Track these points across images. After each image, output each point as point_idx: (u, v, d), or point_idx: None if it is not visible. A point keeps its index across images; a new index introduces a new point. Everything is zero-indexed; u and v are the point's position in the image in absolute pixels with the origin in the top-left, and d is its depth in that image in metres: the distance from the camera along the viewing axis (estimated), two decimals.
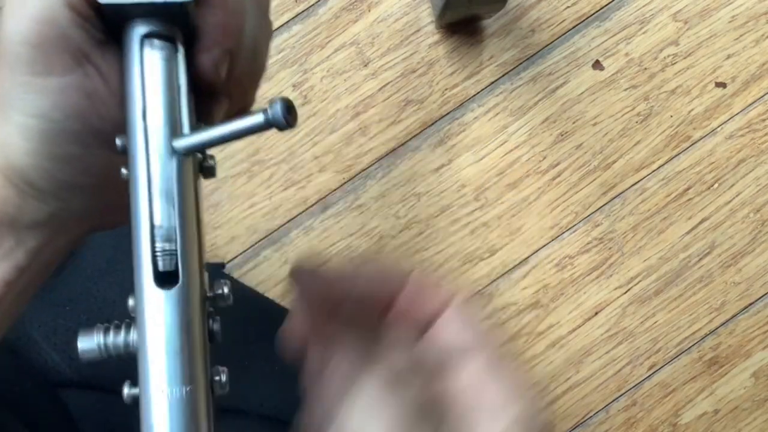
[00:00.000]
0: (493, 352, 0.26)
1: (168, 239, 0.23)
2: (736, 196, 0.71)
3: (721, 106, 0.71)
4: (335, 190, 0.68)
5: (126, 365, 0.24)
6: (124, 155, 0.24)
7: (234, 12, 0.26)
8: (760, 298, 0.71)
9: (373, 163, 0.69)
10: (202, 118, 0.27)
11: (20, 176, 0.25)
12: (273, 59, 0.68)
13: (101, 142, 0.25)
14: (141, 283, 0.23)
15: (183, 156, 0.24)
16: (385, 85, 0.69)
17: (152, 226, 0.23)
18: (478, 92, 0.69)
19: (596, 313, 0.70)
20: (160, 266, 0.23)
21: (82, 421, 0.46)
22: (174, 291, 0.22)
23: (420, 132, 0.69)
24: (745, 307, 0.70)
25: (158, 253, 0.23)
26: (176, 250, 0.23)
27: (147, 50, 0.24)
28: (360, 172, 0.68)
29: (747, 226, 0.70)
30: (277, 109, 0.22)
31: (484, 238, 0.69)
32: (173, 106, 0.24)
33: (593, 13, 0.70)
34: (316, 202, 0.68)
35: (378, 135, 0.69)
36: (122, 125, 0.24)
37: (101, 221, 0.29)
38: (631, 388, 0.70)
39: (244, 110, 0.31)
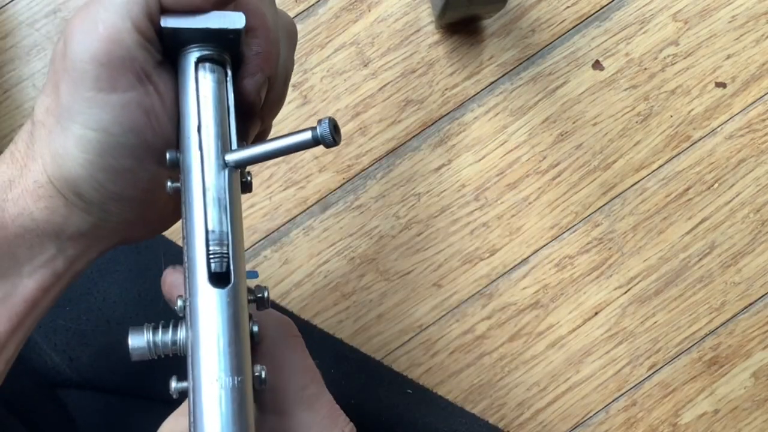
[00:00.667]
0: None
1: (220, 243, 0.25)
2: (736, 196, 0.71)
3: (721, 106, 0.71)
4: (335, 190, 0.68)
5: (126, 366, 0.25)
6: (172, 169, 0.27)
7: (274, 42, 0.28)
8: (760, 298, 0.71)
9: (373, 163, 0.69)
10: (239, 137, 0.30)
11: (71, 187, 0.26)
12: None
13: (153, 156, 0.27)
14: (195, 283, 0.24)
15: (233, 168, 0.26)
16: (385, 85, 0.69)
17: (207, 231, 0.25)
18: (478, 92, 0.69)
19: (596, 313, 0.70)
20: (214, 268, 0.24)
21: (82, 421, 0.46)
22: (227, 290, 0.24)
23: (420, 132, 0.69)
24: (745, 307, 0.70)
25: (212, 256, 0.25)
26: (228, 253, 0.25)
27: (201, 72, 0.26)
28: (360, 172, 0.68)
29: (747, 226, 0.71)
30: (325, 127, 0.25)
31: (484, 238, 0.69)
32: (224, 124, 0.26)
33: (593, 13, 0.70)
34: (316, 202, 0.68)
35: (378, 135, 0.69)
36: (172, 141, 0.27)
37: (131, 234, 0.30)
38: (631, 388, 0.70)
39: (262, 135, 0.35)
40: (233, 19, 0.26)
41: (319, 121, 0.25)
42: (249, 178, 0.29)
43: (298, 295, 0.68)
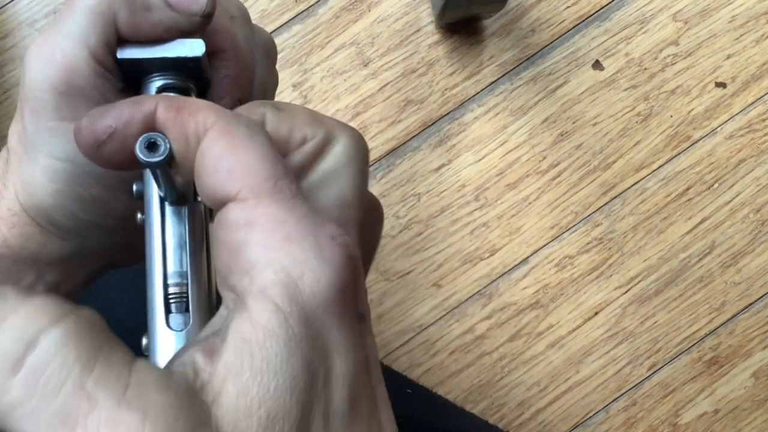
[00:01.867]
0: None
1: (180, 284, 0.24)
2: (736, 196, 0.71)
3: (721, 106, 0.71)
4: None
5: None
6: (140, 200, 0.26)
7: (246, 65, 0.27)
8: (760, 298, 0.71)
9: (373, 163, 0.69)
10: None
11: (44, 215, 0.26)
12: None
13: (123, 185, 0.26)
14: (154, 325, 0.24)
15: (194, 203, 0.25)
16: (385, 85, 0.69)
17: (165, 271, 0.24)
18: (478, 92, 0.69)
19: (596, 313, 0.70)
20: (173, 309, 0.24)
21: None
22: (184, 333, 0.23)
23: (420, 132, 0.69)
24: (745, 307, 0.70)
25: (171, 297, 0.24)
26: (187, 294, 0.24)
27: None
28: None
29: (747, 226, 0.70)
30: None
31: (484, 238, 0.69)
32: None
33: (593, 13, 0.70)
34: None
35: (378, 135, 0.69)
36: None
37: (120, 258, 0.30)
38: (631, 388, 0.70)
39: None
40: (192, 47, 0.25)
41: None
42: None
43: None
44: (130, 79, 0.26)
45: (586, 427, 0.69)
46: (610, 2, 0.71)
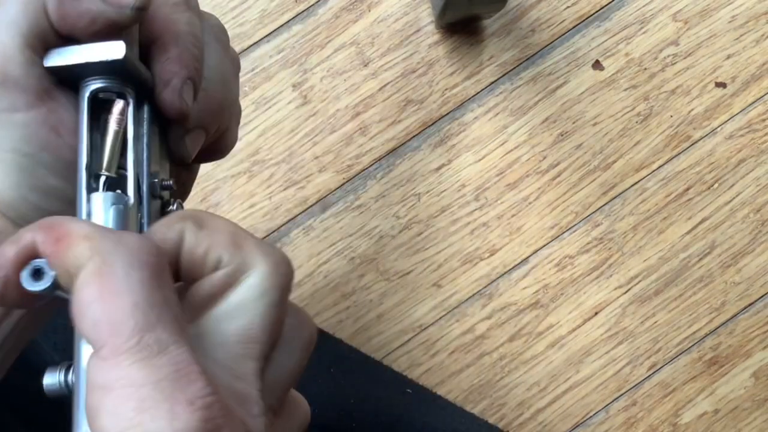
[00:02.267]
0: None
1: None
2: (736, 196, 0.71)
3: (721, 106, 0.71)
4: (335, 190, 0.68)
5: None
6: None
7: (187, 45, 0.27)
8: (760, 298, 0.71)
9: (373, 163, 0.69)
10: (180, 151, 0.29)
11: (12, 210, 0.25)
12: (273, 59, 0.68)
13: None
14: (80, 355, 0.22)
15: (123, 209, 0.24)
16: (385, 85, 0.69)
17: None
18: (478, 92, 0.69)
19: (596, 313, 0.70)
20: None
21: None
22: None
23: (420, 132, 0.69)
24: (745, 307, 0.70)
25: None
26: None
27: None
28: (360, 172, 0.68)
29: (747, 226, 0.70)
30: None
31: (484, 238, 0.69)
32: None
33: (593, 13, 0.70)
34: (316, 202, 0.68)
35: (378, 135, 0.69)
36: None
37: None
38: (631, 388, 0.70)
39: (228, 147, 0.33)
40: (111, 50, 0.24)
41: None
42: (175, 207, 0.27)
43: (298, 295, 0.68)
44: (66, 83, 0.26)
45: (586, 427, 0.69)
46: (610, 2, 0.70)
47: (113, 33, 0.24)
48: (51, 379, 0.23)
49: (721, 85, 0.71)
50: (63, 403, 0.24)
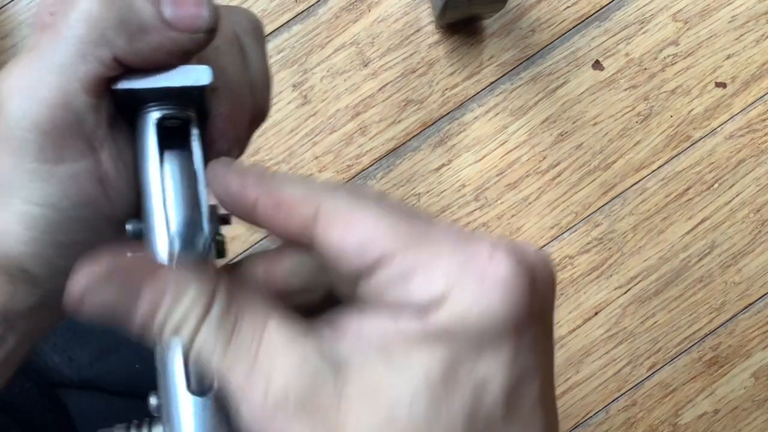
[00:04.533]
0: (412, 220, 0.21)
1: None
2: (736, 196, 0.71)
3: (721, 106, 0.71)
4: None
5: (126, 366, 0.24)
6: (134, 240, 0.24)
7: (240, 101, 0.25)
8: (760, 298, 0.71)
9: (373, 163, 0.69)
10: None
11: (15, 264, 0.23)
12: (273, 59, 0.68)
13: (110, 226, 0.24)
14: (174, 388, 0.22)
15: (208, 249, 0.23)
16: (385, 85, 0.69)
17: None
18: (478, 92, 0.69)
19: (596, 313, 0.70)
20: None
21: (81, 422, 0.46)
22: (209, 397, 0.22)
23: (420, 132, 0.69)
24: (745, 307, 0.70)
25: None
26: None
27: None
28: (360, 172, 0.68)
29: (747, 226, 0.70)
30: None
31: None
32: (191, 194, 0.23)
33: (593, 13, 0.70)
34: None
35: (378, 135, 0.69)
36: (132, 207, 0.24)
37: None
38: (631, 388, 0.70)
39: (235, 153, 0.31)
40: (198, 75, 0.22)
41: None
42: (222, 238, 0.26)
43: None
44: (123, 110, 0.24)
45: (586, 427, 0.69)
46: (610, 2, 0.70)
47: (184, 59, 0.23)
48: None
49: (721, 85, 0.71)
50: (62, 404, 0.24)
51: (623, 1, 0.71)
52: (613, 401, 0.69)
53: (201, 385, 0.22)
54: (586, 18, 0.70)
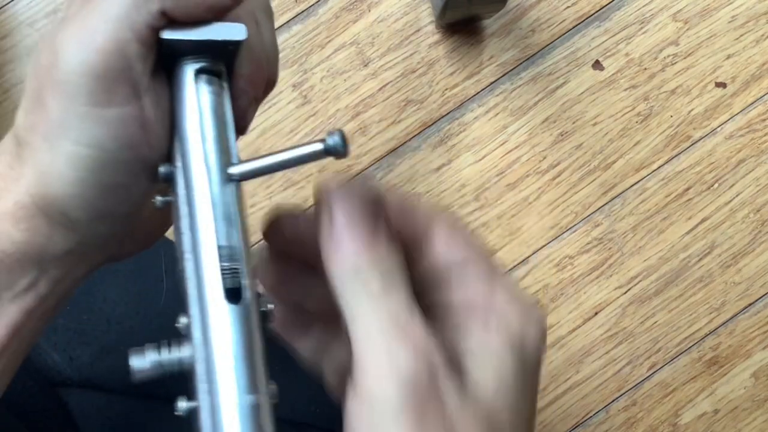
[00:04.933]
0: (490, 262, 0.25)
1: (232, 258, 0.24)
2: (736, 196, 0.71)
3: (721, 106, 0.71)
4: None
5: (126, 365, 0.24)
6: (165, 183, 0.26)
7: (260, 63, 0.28)
8: (760, 298, 0.71)
9: (373, 163, 0.69)
10: (244, 122, 0.29)
11: (57, 206, 0.25)
12: None
13: (147, 171, 0.26)
14: (206, 300, 0.24)
15: (238, 182, 0.26)
16: (385, 85, 0.69)
17: (218, 247, 0.24)
18: (478, 92, 0.69)
19: (596, 313, 0.70)
20: (228, 284, 0.24)
21: (82, 421, 0.46)
22: (241, 306, 0.24)
23: (420, 132, 0.69)
24: (745, 307, 0.71)
25: (225, 272, 0.24)
26: (240, 269, 0.24)
27: (200, 84, 0.26)
28: (360, 172, 0.69)
29: (747, 226, 0.71)
30: (337, 139, 0.24)
31: (484, 238, 0.69)
32: (224, 137, 0.26)
33: (593, 13, 0.70)
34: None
35: (378, 135, 0.69)
36: (165, 154, 0.26)
37: (119, 251, 0.29)
38: (631, 388, 0.70)
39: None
40: (235, 31, 0.25)
41: (330, 133, 0.24)
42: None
43: None
44: (165, 61, 0.26)
45: (586, 427, 0.69)
46: (610, 2, 0.71)
47: (219, 17, 0.25)
48: (141, 363, 0.24)
49: (721, 85, 0.71)
50: (63, 403, 0.24)
51: (623, 1, 0.71)
52: (613, 401, 0.69)
53: (236, 294, 0.24)
54: (586, 18, 0.70)
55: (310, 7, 0.69)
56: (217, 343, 0.23)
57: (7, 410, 0.41)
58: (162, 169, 0.26)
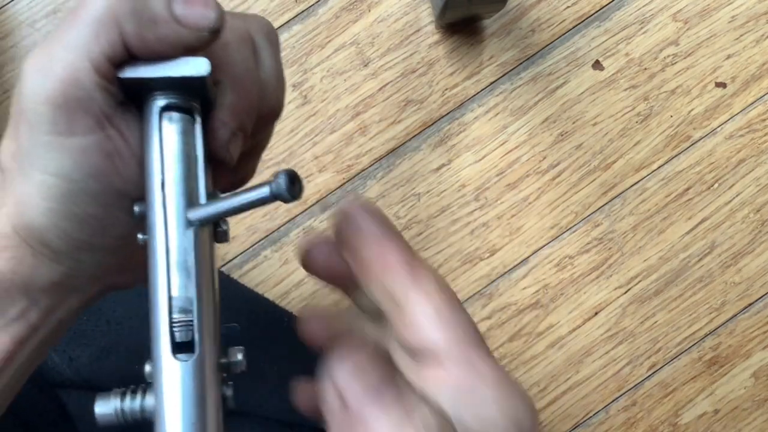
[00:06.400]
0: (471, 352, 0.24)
1: (185, 310, 0.24)
2: (736, 196, 0.71)
3: (721, 106, 0.71)
4: (335, 190, 0.68)
5: (126, 366, 0.25)
6: (141, 221, 0.25)
7: (243, 91, 0.26)
8: (760, 298, 0.71)
9: (373, 163, 0.69)
10: (224, 156, 0.28)
11: (36, 236, 0.25)
12: None
13: (122, 202, 0.25)
14: (159, 352, 0.23)
15: (198, 227, 0.25)
16: (385, 85, 0.69)
17: (170, 298, 0.24)
18: (478, 92, 0.69)
19: (596, 313, 0.70)
20: (177, 337, 0.23)
21: (81, 422, 0.46)
22: (191, 362, 0.23)
23: (420, 132, 0.69)
24: (745, 307, 0.70)
25: (175, 325, 0.23)
26: (193, 322, 0.23)
27: (165, 123, 0.25)
28: (360, 172, 0.68)
29: (747, 226, 0.70)
30: (281, 183, 0.23)
31: (484, 238, 0.69)
32: (189, 178, 0.25)
33: (593, 13, 0.70)
34: (316, 202, 0.68)
35: (378, 135, 0.69)
36: (143, 187, 0.25)
37: (116, 280, 0.29)
38: (631, 388, 0.70)
39: (244, 180, 0.32)
40: (197, 66, 0.24)
41: (276, 175, 0.23)
42: (225, 227, 0.27)
43: (298, 295, 0.67)
44: (131, 97, 0.25)
45: (586, 427, 0.69)
46: (610, 2, 0.70)
47: (188, 54, 0.24)
48: (104, 408, 0.24)
49: (721, 85, 0.71)
50: (62, 403, 0.24)
51: (623, 1, 0.71)
52: (613, 401, 0.69)
53: (188, 347, 0.23)
54: (586, 18, 0.70)
55: (310, 7, 0.69)
56: (167, 397, 0.23)
57: (6, 411, 0.41)
58: (137, 207, 0.25)
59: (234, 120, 0.26)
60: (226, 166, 0.27)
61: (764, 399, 0.70)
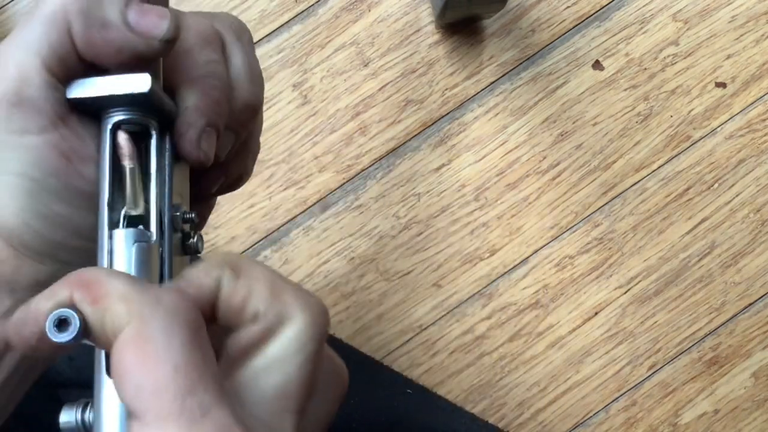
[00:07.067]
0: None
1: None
2: (736, 196, 0.71)
3: (721, 106, 0.71)
4: (335, 190, 0.68)
5: None
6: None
7: (208, 89, 0.26)
8: (760, 298, 0.71)
9: (373, 163, 0.69)
10: (199, 190, 0.28)
11: (15, 237, 0.25)
12: (273, 59, 0.68)
13: (90, 204, 0.25)
14: (97, 373, 0.23)
15: (147, 245, 0.24)
16: (385, 85, 0.69)
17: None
18: (478, 92, 0.69)
19: (596, 313, 0.70)
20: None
21: None
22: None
23: (420, 132, 0.69)
24: (745, 307, 0.70)
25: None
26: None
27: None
28: (360, 172, 0.68)
29: (747, 226, 0.70)
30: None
31: (484, 238, 0.69)
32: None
33: (593, 13, 0.70)
34: (315, 202, 0.68)
35: (378, 135, 0.69)
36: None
37: None
38: (631, 388, 0.70)
39: (240, 180, 0.32)
40: (137, 83, 0.23)
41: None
42: (195, 239, 0.26)
43: None
44: (88, 114, 0.25)
45: (586, 427, 0.69)
46: (610, 2, 0.70)
47: (140, 64, 0.24)
48: (68, 417, 0.23)
49: (721, 85, 0.71)
50: (62, 403, 0.24)
51: (623, 1, 0.71)
52: (613, 401, 0.69)
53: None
54: (586, 18, 0.70)
55: (310, 7, 0.69)
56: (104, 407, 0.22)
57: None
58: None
59: (201, 119, 0.26)
60: (203, 165, 0.27)
61: (764, 399, 0.70)
